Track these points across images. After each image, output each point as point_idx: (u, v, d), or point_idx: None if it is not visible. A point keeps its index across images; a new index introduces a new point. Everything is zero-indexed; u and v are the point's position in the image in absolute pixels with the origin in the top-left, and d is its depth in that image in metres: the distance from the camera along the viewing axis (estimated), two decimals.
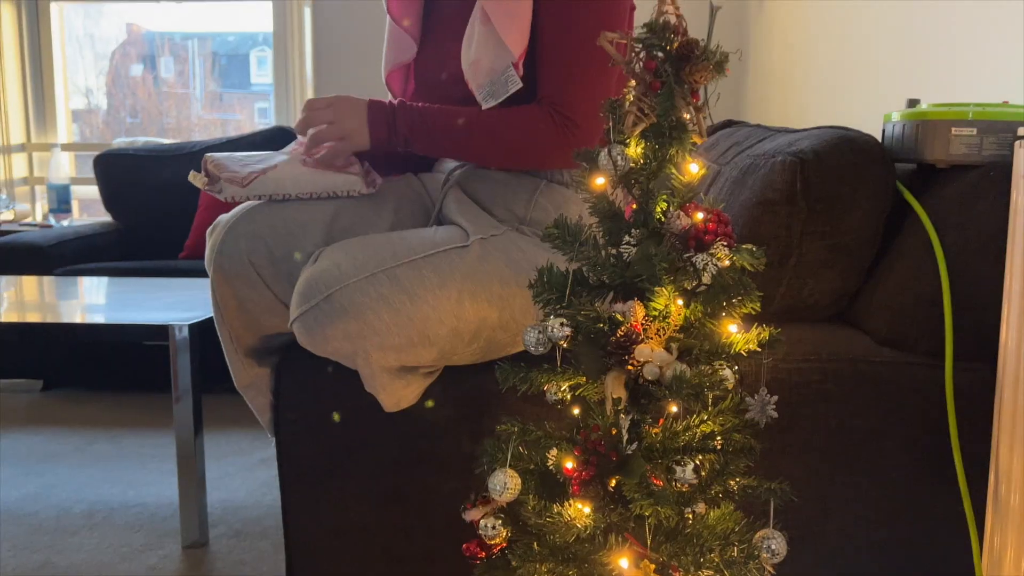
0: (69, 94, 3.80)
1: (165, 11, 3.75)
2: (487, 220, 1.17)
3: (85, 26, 3.89)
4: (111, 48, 4.06)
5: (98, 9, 3.84)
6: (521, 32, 1.11)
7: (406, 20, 1.27)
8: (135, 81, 4.64)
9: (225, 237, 1.12)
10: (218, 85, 5.39)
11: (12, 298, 1.99)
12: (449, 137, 1.16)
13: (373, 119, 1.14)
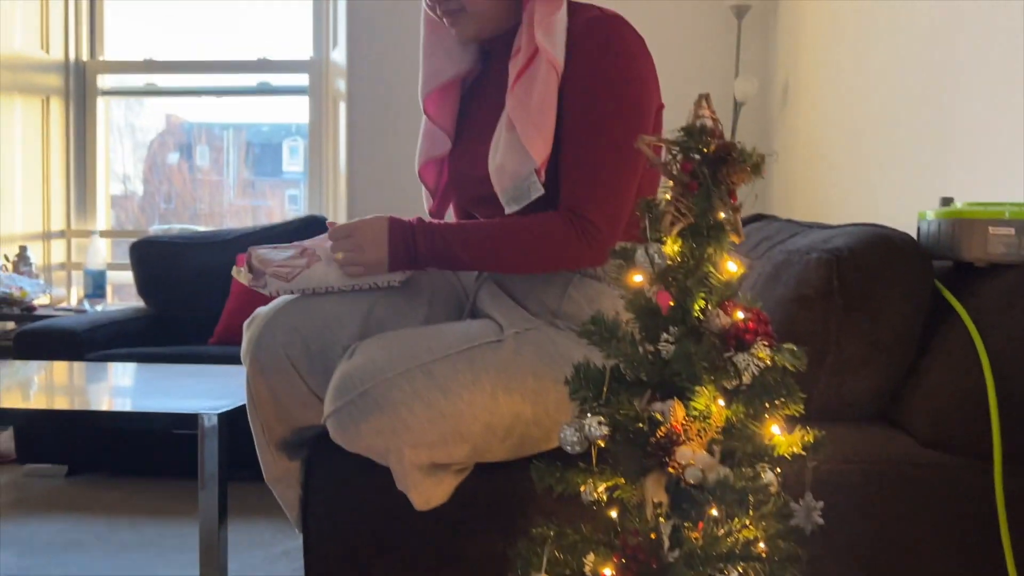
0: (109, 180, 3.92)
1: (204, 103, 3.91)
2: (520, 313, 1.17)
3: (127, 117, 4.06)
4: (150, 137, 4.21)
5: (140, 101, 3.99)
6: (544, 139, 1.14)
7: (441, 119, 1.31)
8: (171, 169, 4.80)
9: (263, 330, 1.13)
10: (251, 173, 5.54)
11: (42, 383, 2.01)
12: (471, 255, 1.17)
13: (394, 251, 1.16)
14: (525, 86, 1.16)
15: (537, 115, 1.14)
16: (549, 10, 1.16)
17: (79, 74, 3.79)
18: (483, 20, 1.23)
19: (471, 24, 1.23)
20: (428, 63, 1.31)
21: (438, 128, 1.32)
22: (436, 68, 1.31)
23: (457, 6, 1.21)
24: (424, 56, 1.32)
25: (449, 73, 1.31)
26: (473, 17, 1.22)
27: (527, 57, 1.17)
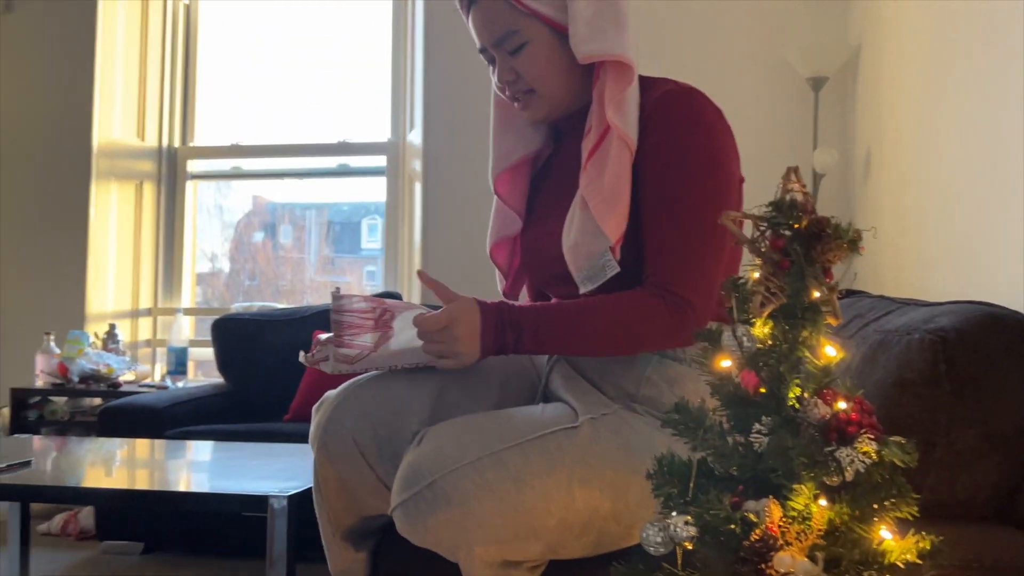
0: (196, 259, 4.06)
1: (287, 184, 4.05)
2: (596, 397, 1.11)
3: (216, 198, 4.21)
4: (237, 218, 4.35)
5: (228, 184, 4.15)
6: (618, 217, 1.10)
7: (512, 199, 1.29)
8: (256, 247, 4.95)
9: (331, 415, 1.10)
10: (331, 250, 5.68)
11: (121, 461, 2.03)
12: (561, 340, 1.12)
13: (486, 345, 1.09)
14: (598, 164, 1.13)
15: (611, 193, 1.11)
16: (619, 87, 1.14)
17: (171, 159, 3.98)
18: (554, 102, 1.21)
19: (542, 106, 1.22)
20: (498, 144, 1.30)
21: (509, 208, 1.30)
22: (506, 149, 1.30)
23: (527, 88, 1.21)
24: (494, 137, 1.31)
25: (519, 153, 1.30)
26: (544, 99, 1.21)
27: (599, 135, 1.15)
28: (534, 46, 1.17)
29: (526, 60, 1.18)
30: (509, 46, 1.17)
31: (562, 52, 1.17)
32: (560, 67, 1.18)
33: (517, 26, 1.16)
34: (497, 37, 1.17)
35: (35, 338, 3.36)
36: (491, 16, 1.17)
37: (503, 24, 1.16)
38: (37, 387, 3.15)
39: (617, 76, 1.14)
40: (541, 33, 1.17)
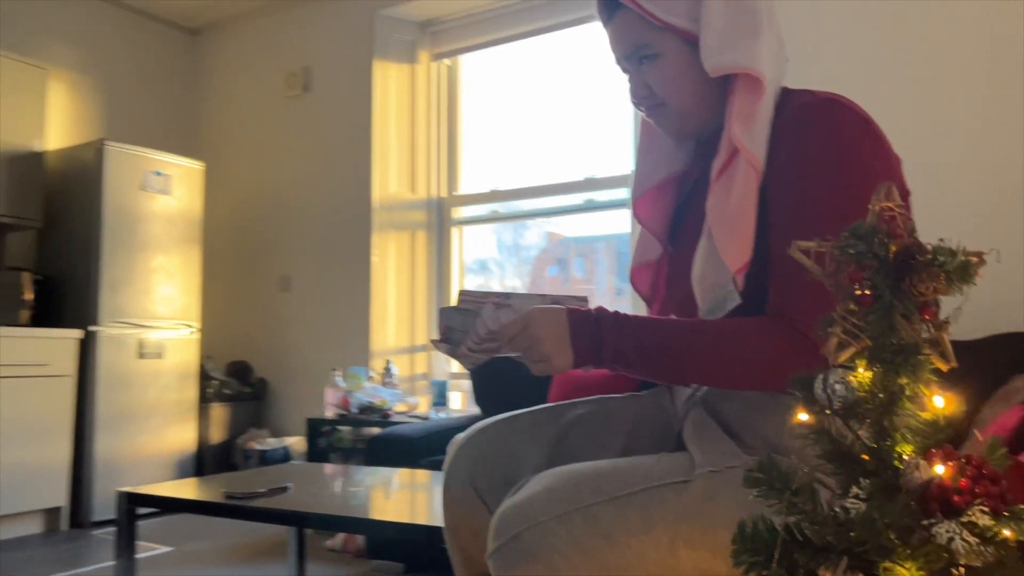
0: None
1: (580, 219, 4.23)
2: (727, 447, 1.01)
3: (514, 237, 4.48)
4: (533, 254, 4.59)
5: (524, 224, 4.39)
6: (741, 246, 1.00)
7: (652, 222, 1.24)
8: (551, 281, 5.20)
9: (452, 460, 1.13)
10: (619, 280, 5.79)
11: (378, 489, 2.24)
12: (666, 357, 1.01)
13: (577, 349, 1.01)
14: (723, 188, 1.05)
15: (734, 220, 1.01)
16: (748, 101, 1.05)
17: (439, 209, 4.35)
18: (686, 115, 1.15)
19: (674, 119, 1.16)
20: (641, 164, 1.26)
21: (649, 232, 1.24)
22: (649, 169, 1.25)
23: (658, 101, 1.16)
24: (638, 157, 1.27)
25: (662, 174, 1.24)
26: (675, 112, 1.15)
27: (726, 156, 1.06)
28: (666, 59, 1.12)
29: (657, 73, 1.14)
30: (641, 56, 1.14)
31: (695, 64, 1.11)
32: (692, 80, 1.12)
33: (649, 39, 1.12)
34: (630, 50, 1.15)
35: (327, 373, 3.85)
36: (625, 30, 1.14)
37: (636, 37, 1.13)
38: (327, 417, 3.59)
39: (747, 90, 1.06)
40: (674, 45, 1.12)
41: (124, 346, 3.80)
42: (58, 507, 3.54)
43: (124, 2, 4.59)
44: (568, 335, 1.01)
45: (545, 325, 1.00)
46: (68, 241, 3.88)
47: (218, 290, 4.63)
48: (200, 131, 4.94)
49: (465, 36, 4.31)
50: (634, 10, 1.10)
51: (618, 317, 1.03)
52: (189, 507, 2.01)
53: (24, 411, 3.41)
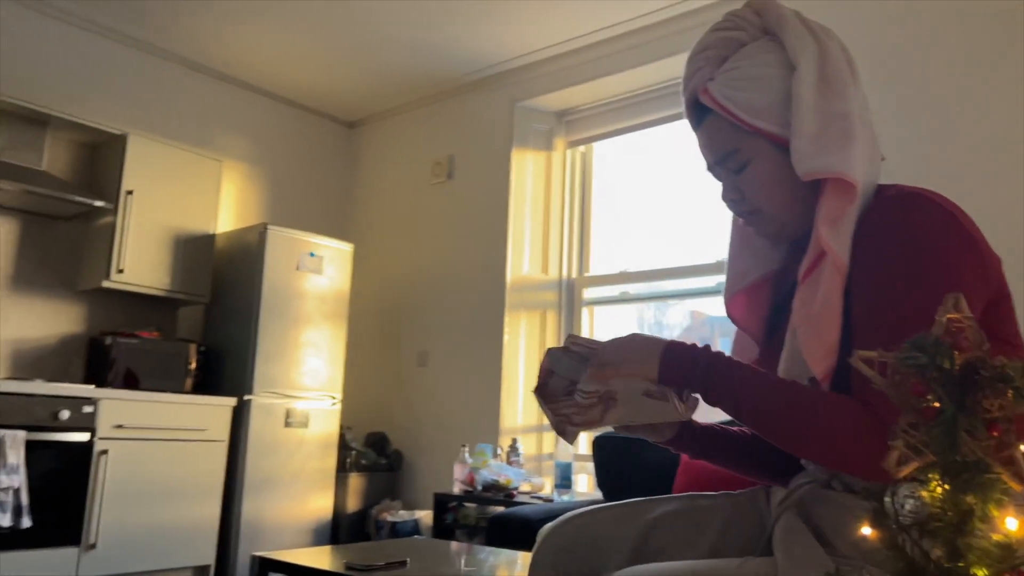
0: None
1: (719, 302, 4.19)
2: (817, 555, 0.97)
3: (656, 315, 4.49)
4: (676, 332, 4.56)
5: (666, 303, 4.40)
6: (825, 350, 0.98)
7: (748, 322, 1.23)
8: None
9: (538, 548, 1.15)
10: None
11: (511, 568, 2.27)
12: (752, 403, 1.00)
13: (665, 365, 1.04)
14: (809, 290, 1.04)
15: (818, 322, 1.00)
16: (838, 205, 1.04)
17: (569, 289, 4.42)
18: (781, 220, 1.15)
19: (771, 225, 1.16)
20: (734, 264, 1.25)
21: (745, 332, 1.24)
22: (742, 269, 1.24)
23: (752, 208, 1.16)
24: (730, 256, 1.26)
25: (756, 275, 1.23)
26: (770, 218, 1.15)
27: (813, 257, 1.06)
28: (757, 164, 1.13)
29: (749, 179, 1.14)
30: (732, 165, 1.15)
31: (788, 169, 1.10)
32: (785, 185, 1.12)
33: (740, 144, 1.13)
34: (720, 156, 1.16)
35: (457, 449, 3.94)
36: (714, 135, 1.15)
37: (725, 143, 1.14)
38: (454, 493, 3.67)
39: (838, 193, 1.05)
40: (764, 150, 1.12)
41: (273, 414, 4.06)
42: (207, 565, 3.78)
43: (290, 99, 5.07)
44: (660, 349, 1.04)
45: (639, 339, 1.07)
46: (230, 315, 4.24)
47: (360, 363, 4.88)
48: (351, 215, 5.31)
49: (599, 124, 4.44)
50: (723, 116, 1.13)
51: (716, 353, 1.05)
52: (309, 575, 2.11)
53: (182, 473, 3.70)
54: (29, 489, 3.18)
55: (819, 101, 1.07)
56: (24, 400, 3.26)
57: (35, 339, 3.90)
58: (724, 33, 1.16)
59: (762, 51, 1.13)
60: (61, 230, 4.04)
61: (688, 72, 1.18)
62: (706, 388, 1.04)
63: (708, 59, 1.16)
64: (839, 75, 1.09)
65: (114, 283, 3.85)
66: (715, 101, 1.13)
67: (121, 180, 3.92)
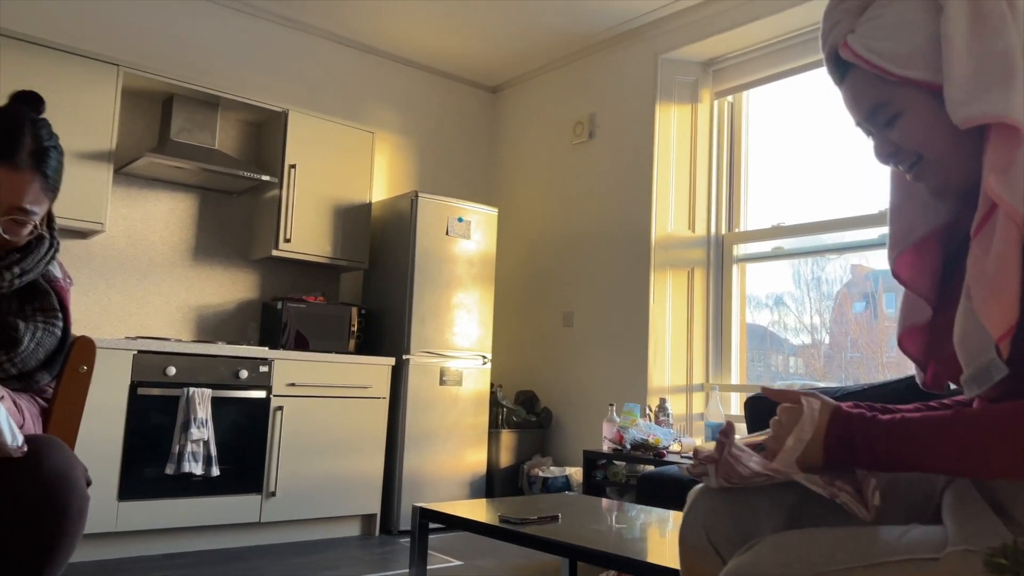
0: (745, 337, 4.27)
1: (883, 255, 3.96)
2: (990, 524, 0.92)
3: (813, 271, 4.32)
4: (836, 288, 4.39)
5: (826, 258, 4.23)
6: (1004, 308, 0.90)
7: (917, 282, 1.15)
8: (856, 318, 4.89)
9: (691, 508, 1.15)
10: None
11: (662, 527, 2.30)
12: (923, 458, 0.96)
13: (829, 451, 1.01)
14: (982, 246, 0.96)
15: (994, 279, 0.93)
16: (1005, 152, 0.95)
17: (718, 246, 4.31)
18: (947, 168, 1.06)
19: (936, 174, 1.08)
20: (897, 221, 1.17)
21: (915, 293, 1.17)
22: (907, 226, 1.16)
23: (914, 157, 1.08)
24: (892, 213, 1.18)
25: (922, 230, 1.15)
26: (935, 165, 1.07)
27: (984, 211, 0.97)
28: (910, 115, 1.06)
29: (903, 131, 1.07)
30: (882, 118, 1.08)
31: (945, 116, 1.02)
32: (945, 132, 1.04)
33: (888, 97, 1.06)
34: (868, 111, 1.09)
35: (605, 408, 3.98)
36: (860, 90, 1.09)
37: (873, 97, 1.08)
38: (603, 451, 3.71)
39: (1003, 140, 0.96)
40: (917, 99, 1.05)
41: (429, 373, 4.25)
42: (373, 514, 4.05)
43: (436, 68, 5.19)
44: (823, 435, 1.02)
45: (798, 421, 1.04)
46: (387, 280, 4.46)
47: (508, 324, 5.00)
48: (495, 180, 5.40)
49: (748, 72, 4.26)
50: (867, 69, 1.06)
51: (868, 420, 1.01)
52: (469, 526, 2.22)
53: (349, 427, 3.97)
54: (216, 442, 3.52)
55: (973, 41, 0.99)
56: (209, 361, 3.59)
57: (216, 304, 4.27)
58: None
59: None
60: (234, 204, 4.38)
61: (826, 27, 1.12)
62: (878, 468, 1.01)
63: (847, 10, 1.09)
64: (995, 9, 0.99)
65: (282, 252, 4.14)
66: (856, 55, 1.06)
67: (284, 155, 4.18)
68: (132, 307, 4.00)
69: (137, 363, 3.38)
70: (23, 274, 1.45)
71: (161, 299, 4.09)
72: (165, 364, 3.46)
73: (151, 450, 3.38)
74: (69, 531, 1.23)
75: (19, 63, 3.42)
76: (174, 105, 4.00)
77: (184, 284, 4.17)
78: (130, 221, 4.03)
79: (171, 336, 4.06)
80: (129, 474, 3.32)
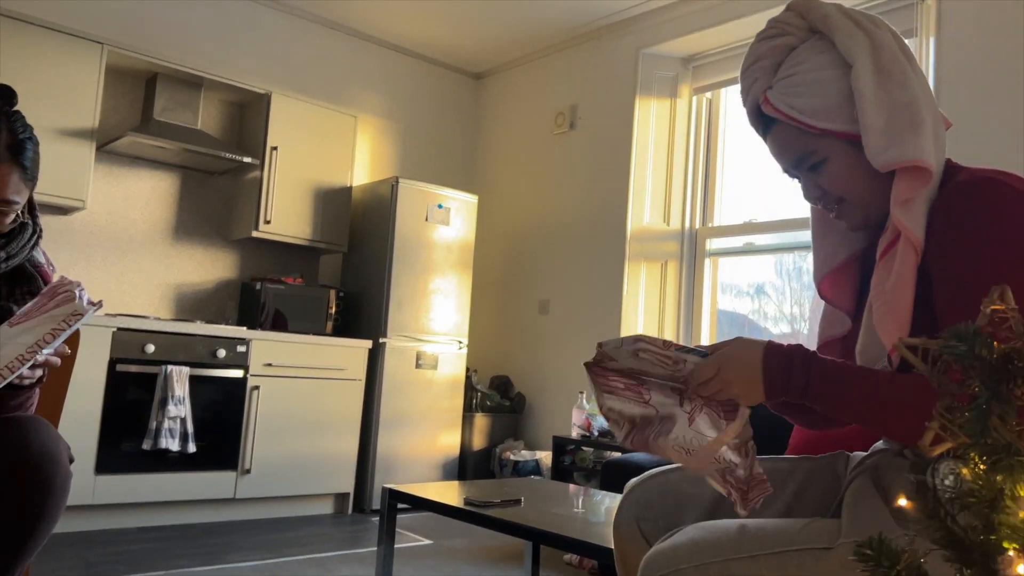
0: (715, 327, 4.38)
1: None
2: (882, 520, 1.02)
3: (795, 261, 4.41)
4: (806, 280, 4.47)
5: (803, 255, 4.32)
6: (898, 324, 1.01)
7: (839, 299, 1.25)
8: None
9: (622, 502, 1.25)
10: None
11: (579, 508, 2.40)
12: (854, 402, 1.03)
13: (768, 385, 1.05)
14: (885, 268, 1.07)
15: (892, 299, 1.04)
16: (912, 188, 1.06)
17: (691, 240, 4.41)
18: (867, 207, 1.16)
19: (857, 213, 1.18)
20: (820, 247, 1.28)
21: (838, 309, 1.27)
22: (828, 252, 1.27)
23: (836, 199, 1.18)
24: (815, 240, 1.29)
25: (842, 256, 1.26)
26: (855, 207, 1.17)
27: (891, 238, 1.08)
28: (833, 162, 1.15)
29: (828, 176, 1.16)
30: (808, 165, 1.17)
31: (862, 160, 1.12)
32: (864, 175, 1.14)
33: (812, 147, 1.15)
34: (794, 160, 1.18)
35: (575, 394, 4.08)
36: (784, 142, 1.18)
37: (798, 148, 1.16)
38: (572, 437, 3.82)
39: (913, 177, 1.07)
40: (837, 148, 1.14)
41: (405, 357, 4.33)
42: (346, 493, 4.14)
43: (420, 53, 5.23)
44: (760, 371, 1.06)
45: (736, 366, 1.06)
46: (365, 263, 4.52)
47: (485, 310, 5.09)
48: (476, 167, 5.46)
49: (726, 69, 4.34)
50: (788, 123, 1.14)
51: (813, 356, 1.07)
52: (434, 507, 2.31)
53: (324, 408, 4.04)
54: (193, 419, 3.59)
55: (881, 94, 1.08)
56: (187, 339, 3.65)
57: (195, 283, 4.32)
58: (772, 42, 1.17)
59: (814, 53, 1.14)
60: (215, 184, 4.42)
61: (745, 85, 1.21)
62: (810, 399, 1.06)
63: (762, 69, 1.18)
64: (896, 64, 1.09)
65: (262, 233, 4.19)
66: (778, 111, 1.15)
67: (267, 137, 4.22)
68: (112, 284, 4.05)
69: (116, 340, 3.44)
70: (9, 258, 1.52)
71: (141, 277, 4.14)
72: (144, 342, 3.52)
73: (129, 426, 3.45)
74: (53, 504, 1.31)
75: (3, 39, 3.44)
76: (158, 84, 4.03)
77: (164, 263, 4.22)
78: (111, 199, 4.06)
79: (150, 314, 4.11)
80: (107, 449, 3.38)
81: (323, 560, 3.14)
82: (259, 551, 3.23)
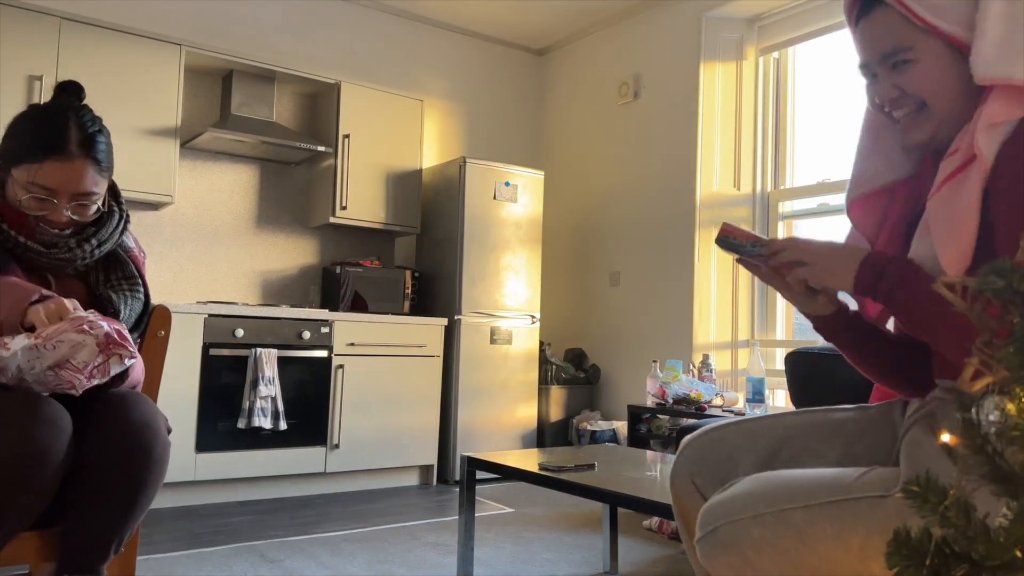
0: None
1: None
2: (941, 467, 1.03)
3: None
4: None
5: None
6: (960, 253, 0.99)
7: (866, 226, 1.23)
8: None
9: (676, 459, 1.27)
10: None
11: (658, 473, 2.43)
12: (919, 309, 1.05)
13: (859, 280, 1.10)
14: (952, 190, 1.04)
15: (957, 224, 1.01)
16: (1003, 111, 1.01)
17: (764, 203, 4.35)
18: (943, 122, 1.11)
19: (929, 125, 1.12)
20: (862, 164, 1.24)
21: (861, 235, 1.25)
22: (871, 171, 1.23)
23: (916, 105, 1.12)
24: (859, 157, 1.25)
25: (885, 179, 1.22)
26: (933, 117, 1.11)
27: (962, 160, 1.04)
28: (926, 64, 1.09)
29: (915, 76, 1.10)
30: (895, 61, 1.11)
31: (956, 72, 1.07)
32: (955, 85, 1.09)
33: (911, 41, 1.09)
34: (886, 52, 1.12)
35: (649, 364, 4.10)
36: (883, 30, 1.11)
37: (895, 39, 1.10)
38: (647, 406, 3.85)
39: (1008, 99, 1.02)
40: (935, 50, 1.08)
41: (479, 333, 4.43)
42: (430, 465, 4.28)
43: (482, 33, 5.28)
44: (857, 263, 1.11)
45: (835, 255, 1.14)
46: (438, 243, 4.63)
47: (555, 285, 5.14)
48: (542, 143, 5.49)
49: (794, 27, 4.24)
50: (897, 9, 1.08)
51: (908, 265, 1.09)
52: (511, 473, 2.39)
53: (405, 384, 4.18)
54: (283, 398, 3.77)
55: (1009, 7, 1.03)
56: (274, 323, 3.83)
57: (279, 270, 4.51)
58: None
59: None
60: (292, 174, 4.59)
61: None
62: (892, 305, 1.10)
63: None
64: None
65: (339, 219, 4.34)
66: None
67: (338, 125, 4.35)
68: (201, 273, 4.27)
69: (208, 326, 3.64)
70: (100, 244, 1.59)
71: (228, 265, 4.35)
72: (234, 326, 3.71)
73: (224, 406, 3.65)
74: (154, 470, 1.43)
75: (88, 47, 3.65)
76: (233, 80, 4.20)
77: (249, 251, 4.42)
78: (197, 192, 4.27)
79: (238, 300, 4.32)
80: (205, 428, 3.59)
81: (411, 528, 3.28)
82: (351, 521, 3.39)
